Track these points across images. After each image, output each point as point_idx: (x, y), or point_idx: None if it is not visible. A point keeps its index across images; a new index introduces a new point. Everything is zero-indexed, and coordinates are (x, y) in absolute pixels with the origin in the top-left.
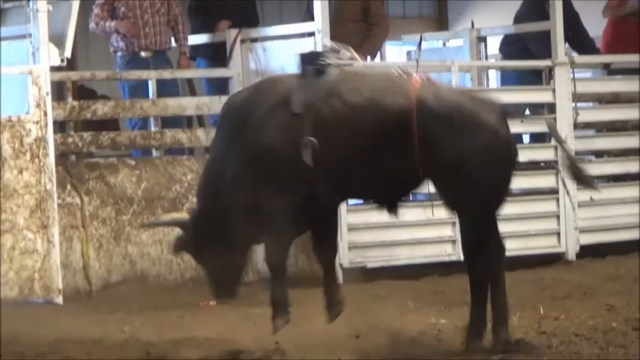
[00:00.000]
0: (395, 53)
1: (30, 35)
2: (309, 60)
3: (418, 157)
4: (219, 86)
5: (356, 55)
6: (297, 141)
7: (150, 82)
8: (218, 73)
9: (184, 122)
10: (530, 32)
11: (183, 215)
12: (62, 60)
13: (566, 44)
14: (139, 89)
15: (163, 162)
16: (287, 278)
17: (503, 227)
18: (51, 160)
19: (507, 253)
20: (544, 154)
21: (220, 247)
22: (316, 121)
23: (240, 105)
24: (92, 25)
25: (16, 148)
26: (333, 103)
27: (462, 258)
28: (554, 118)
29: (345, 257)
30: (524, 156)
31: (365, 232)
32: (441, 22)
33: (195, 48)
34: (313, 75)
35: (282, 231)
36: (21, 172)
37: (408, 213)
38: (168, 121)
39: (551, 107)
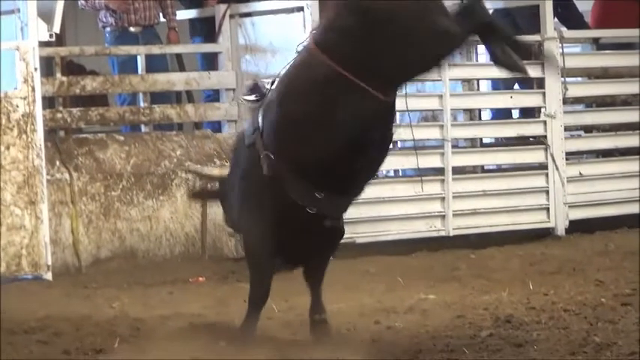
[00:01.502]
0: None
1: (18, 10)
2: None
3: (366, 75)
4: (211, 62)
5: None
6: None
7: (139, 58)
8: (207, 48)
9: (173, 98)
10: (519, 7)
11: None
12: (51, 35)
13: (555, 19)
14: (127, 65)
15: (152, 137)
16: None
17: (492, 202)
18: (39, 135)
19: (496, 229)
20: (533, 129)
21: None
22: (266, 138)
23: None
24: (81, 1)
25: (3, 124)
26: (270, 112)
27: (451, 233)
28: (544, 94)
29: None
30: (513, 131)
31: (354, 207)
32: None
33: (191, 27)
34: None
35: (266, 272)
36: (8, 148)
37: (398, 188)
38: (157, 97)
39: (540, 82)
